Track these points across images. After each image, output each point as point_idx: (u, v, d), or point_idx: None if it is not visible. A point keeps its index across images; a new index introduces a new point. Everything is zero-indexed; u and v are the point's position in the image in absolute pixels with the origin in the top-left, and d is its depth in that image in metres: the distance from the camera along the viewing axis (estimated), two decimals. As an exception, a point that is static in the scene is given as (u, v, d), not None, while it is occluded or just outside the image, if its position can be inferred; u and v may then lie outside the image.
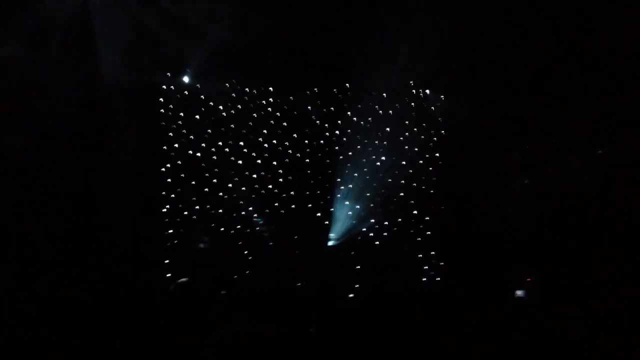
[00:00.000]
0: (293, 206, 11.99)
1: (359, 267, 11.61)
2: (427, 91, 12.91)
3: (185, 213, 11.58)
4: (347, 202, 12.12)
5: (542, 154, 10.39)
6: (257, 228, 11.92)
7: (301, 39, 10.94)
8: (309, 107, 12.51)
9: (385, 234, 12.02)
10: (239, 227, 11.76)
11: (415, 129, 12.71)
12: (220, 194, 11.83)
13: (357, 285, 10.79)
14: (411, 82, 12.81)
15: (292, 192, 12.05)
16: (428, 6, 10.20)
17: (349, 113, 12.59)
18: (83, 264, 9.36)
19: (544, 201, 10.16)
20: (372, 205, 12.16)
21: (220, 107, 12.19)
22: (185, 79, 11.97)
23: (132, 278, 9.39)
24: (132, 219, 10.52)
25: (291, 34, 10.88)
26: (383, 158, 12.46)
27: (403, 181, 12.33)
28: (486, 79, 10.81)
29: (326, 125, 12.54)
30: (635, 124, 7.86)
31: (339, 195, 12.12)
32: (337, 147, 12.41)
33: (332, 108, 12.61)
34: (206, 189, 11.80)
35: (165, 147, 11.71)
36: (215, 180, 11.87)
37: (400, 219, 12.11)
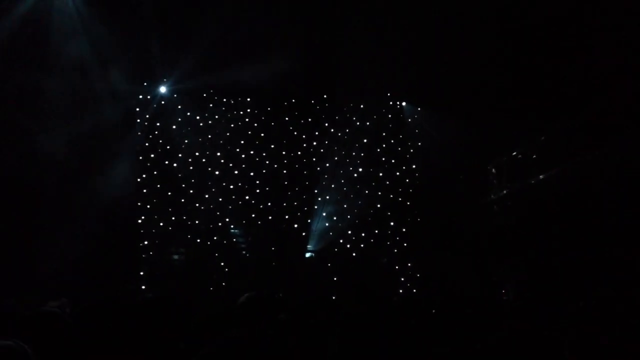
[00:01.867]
0: (270, 217, 11.94)
1: (335, 278, 11.62)
2: (404, 103, 13.03)
3: (162, 224, 11.45)
4: (324, 214, 12.13)
5: (518, 165, 10.53)
6: (234, 239, 11.85)
7: (279, 50, 10.95)
8: (287, 118, 12.51)
9: (362, 245, 12.05)
10: (215, 238, 11.68)
11: (392, 141, 12.80)
12: (197, 204, 11.73)
13: (334, 297, 10.77)
14: (388, 94, 12.92)
15: (270, 203, 12.01)
16: (406, 20, 10.30)
17: (326, 124, 12.63)
18: (57, 274, 9.19)
19: (523, 211, 10.29)
20: (349, 216, 12.19)
21: (198, 117, 12.12)
22: (163, 89, 11.89)
23: (108, 290, 9.27)
24: (106, 229, 10.36)
25: (269, 45, 10.89)
26: (360, 169, 12.51)
27: (380, 192, 12.39)
28: (462, 91, 10.94)
29: (304, 136, 12.53)
30: (616, 133, 8.04)
31: (316, 207, 12.12)
32: (314, 159, 12.42)
33: (310, 119, 12.62)
34: (183, 200, 11.70)
35: (141, 157, 11.59)
36: (192, 191, 11.77)
37: (377, 231, 12.15)
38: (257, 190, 12.07)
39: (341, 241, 12.06)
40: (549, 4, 8.95)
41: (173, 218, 11.55)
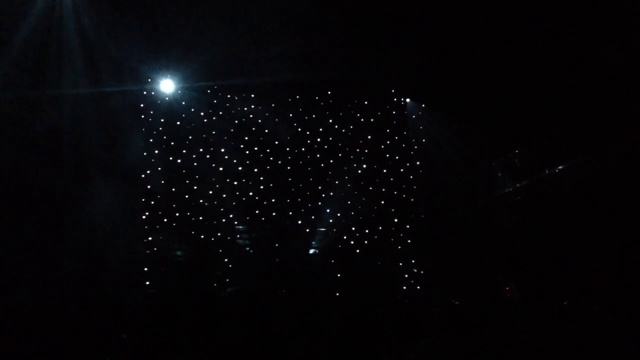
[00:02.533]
0: (274, 214, 11.97)
1: (339, 275, 11.64)
2: (408, 100, 13.03)
3: (165, 220, 11.48)
4: (328, 210, 12.14)
5: (523, 163, 10.54)
6: (238, 235, 11.87)
7: (283, 47, 10.96)
8: (291, 115, 12.53)
9: (366, 242, 12.07)
10: (219, 234, 11.70)
11: (396, 137, 12.81)
12: (201, 200, 11.76)
13: (338, 293, 10.81)
14: (392, 90, 12.93)
15: (273, 200, 12.03)
16: (410, 17, 10.30)
17: (330, 121, 12.65)
18: (61, 270, 9.23)
19: (526, 209, 10.30)
20: (352, 213, 12.19)
21: (202, 114, 12.14)
22: (167, 85, 11.91)
23: (111, 285, 9.30)
24: (111, 225, 10.40)
25: (273, 42, 10.89)
26: (364, 166, 12.52)
27: (383, 189, 12.40)
28: (466, 88, 10.93)
29: (308, 132, 12.55)
30: (616, 132, 8.06)
31: (320, 203, 12.13)
32: (318, 155, 12.43)
33: (314, 115, 12.64)
34: (187, 196, 11.72)
35: (145, 153, 11.62)
36: (195, 187, 11.80)
37: (380, 227, 12.16)
38: (261, 187, 12.09)
39: (345, 238, 12.07)
40: (552, 4, 8.96)
41: (177, 214, 11.58)
